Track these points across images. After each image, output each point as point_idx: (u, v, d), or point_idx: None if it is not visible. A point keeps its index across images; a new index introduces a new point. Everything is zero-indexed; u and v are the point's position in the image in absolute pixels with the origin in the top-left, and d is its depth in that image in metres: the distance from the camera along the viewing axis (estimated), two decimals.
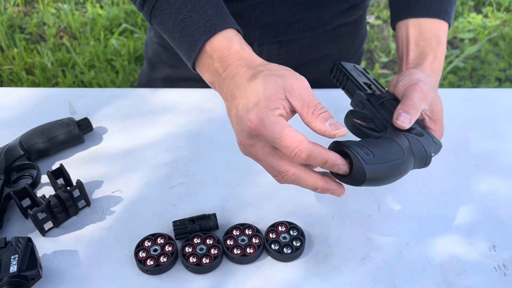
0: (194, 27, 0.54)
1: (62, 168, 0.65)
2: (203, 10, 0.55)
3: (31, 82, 2.09)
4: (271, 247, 0.59)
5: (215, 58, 0.54)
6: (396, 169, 0.53)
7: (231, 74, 0.52)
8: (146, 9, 0.58)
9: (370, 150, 0.52)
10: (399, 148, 0.54)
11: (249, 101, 0.49)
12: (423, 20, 0.66)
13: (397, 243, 0.61)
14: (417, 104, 0.58)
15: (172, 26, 0.56)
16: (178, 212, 0.65)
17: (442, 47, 0.65)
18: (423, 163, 0.56)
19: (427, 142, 0.57)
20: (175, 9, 0.55)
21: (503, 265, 0.59)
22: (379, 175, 0.51)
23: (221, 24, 0.54)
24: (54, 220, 0.62)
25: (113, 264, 0.59)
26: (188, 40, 0.55)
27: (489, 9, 2.59)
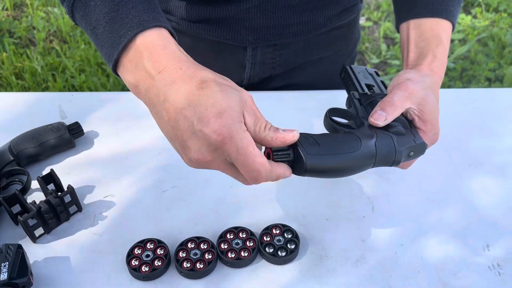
0: (120, 22, 0.48)
1: (53, 173, 0.64)
2: (133, 5, 0.49)
3: (21, 86, 2.07)
4: (265, 250, 0.59)
5: (146, 56, 0.47)
6: (343, 161, 0.52)
7: (170, 79, 0.46)
8: (67, 1, 0.52)
9: (318, 141, 0.52)
10: (357, 143, 0.53)
11: (209, 111, 0.44)
12: (424, 20, 0.65)
13: (392, 244, 0.61)
14: (396, 102, 0.57)
15: (96, 20, 0.49)
16: (172, 216, 0.65)
17: (442, 47, 0.63)
18: (390, 162, 0.56)
19: (404, 141, 0.56)
20: (100, 1, 0.49)
21: (497, 264, 0.59)
22: (322, 165, 0.51)
23: (151, 21, 0.48)
24: (45, 226, 0.61)
25: (106, 270, 0.58)
26: (112, 36, 0.48)
27: (478, 10, 2.62)
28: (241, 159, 0.45)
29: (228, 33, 0.79)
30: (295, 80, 0.89)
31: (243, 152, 0.45)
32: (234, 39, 0.80)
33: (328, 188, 0.68)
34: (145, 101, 0.49)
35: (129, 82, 0.49)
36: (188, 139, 0.46)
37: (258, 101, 0.86)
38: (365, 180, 0.70)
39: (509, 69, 2.18)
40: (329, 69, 0.90)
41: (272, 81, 0.89)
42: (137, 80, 0.48)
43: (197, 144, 0.46)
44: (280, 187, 0.68)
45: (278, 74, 0.87)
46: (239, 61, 0.84)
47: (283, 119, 0.80)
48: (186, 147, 0.47)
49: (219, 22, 0.78)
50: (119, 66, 0.50)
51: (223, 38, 0.80)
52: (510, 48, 2.32)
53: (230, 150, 0.45)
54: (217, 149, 0.46)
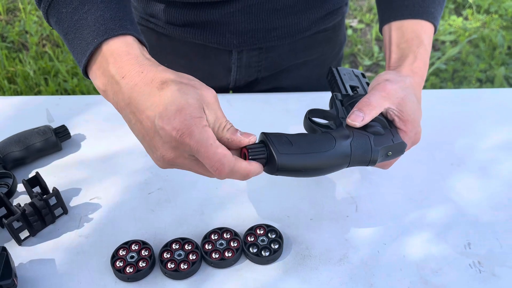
0: (88, 29, 0.50)
1: (38, 176, 0.65)
2: (100, 13, 0.50)
3: (13, 90, 2.07)
4: (249, 250, 0.59)
5: (111, 62, 0.49)
6: (315, 161, 0.53)
7: (132, 82, 0.48)
8: (43, 6, 0.54)
9: (291, 141, 0.52)
10: (331, 142, 0.54)
11: (168, 110, 0.46)
12: (405, 22, 0.65)
13: (374, 243, 0.62)
14: (374, 102, 0.57)
15: (67, 27, 0.51)
16: (157, 217, 0.65)
17: (424, 48, 0.64)
18: (366, 161, 0.56)
19: (381, 141, 0.56)
20: (71, 9, 0.51)
21: (478, 262, 0.60)
22: (293, 164, 0.52)
23: (117, 29, 0.50)
24: (30, 229, 0.61)
25: (91, 272, 0.58)
26: (80, 43, 0.50)
27: (469, 12, 2.64)
28: (203, 151, 0.46)
29: (213, 36, 0.80)
30: (281, 83, 0.90)
31: (204, 144, 0.46)
32: (219, 43, 0.81)
33: (312, 189, 0.69)
34: (114, 105, 0.51)
35: (98, 87, 0.51)
36: (153, 138, 0.48)
37: (244, 103, 0.87)
38: (349, 180, 0.70)
39: (500, 70, 2.19)
40: (315, 72, 0.91)
41: (258, 84, 0.89)
42: (104, 85, 0.50)
43: (161, 142, 0.47)
44: (265, 188, 0.69)
45: (264, 77, 0.88)
46: (225, 65, 0.84)
47: (269, 121, 0.81)
48: (153, 146, 0.49)
49: (204, 25, 0.79)
50: (89, 71, 0.52)
51: (209, 42, 0.81)
52: (501, 49, 2.34)
53: (191, 144, 0.46)
54: (179, 145, 0.47)
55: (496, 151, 0.76)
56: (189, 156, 0.48)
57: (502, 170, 0.72)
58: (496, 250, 0.61)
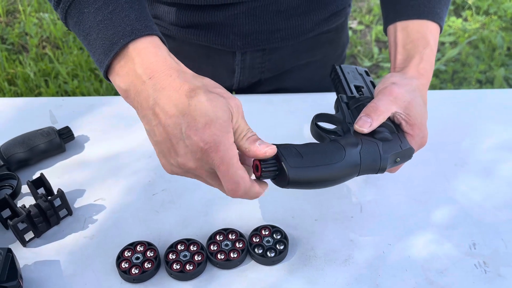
0: (113, 30, 0.50)
1: (43, 177, 0.64)
2: (126, 13, 0.50)
3: (14, 92, 2.07)
4: (254, 251, 0.59)
5: (137, 62, 0.49)
6: (326, 173, 0.52)
7: (160, 85, 0.48)
8: (62, 7, 0.53)
9: (301, 153, 0.52)
10: (341, 152, 0.53)
11: (197, 121, 0.46)
12: (411, 22, 0.64)
13: (380, 244, 0.62)
14: (381, 107, 0.57)
15: (89, 27, 0.51)
16: (162, 218, 0.65)
17: (430, 48, 0.63)
18: (376, 169, 0.55)
19: (390, 147, 0.56)
20: (94, 9, 0.51)
21: (483, 262, 0.60)
22: (305, 178, 0.52)
23: (143, 29, 0.50)
24: (35, 230, 0.61)
25: (96, 273, 0.58)
26: (104, 43, 0.50)
27: (469, 13, 2.65)
28: (224, 169, 0.47)
29: (217, 38, 0.80)
30: (284, 85, 0.90)
31: (227, 162, 0.47)
32: (223, 44, 0.81)
33: (317, 189, 0.69)
34: (134, 105, 0.51)
35: (119, 86, 0.51)
36: (176, 144, 0.48)
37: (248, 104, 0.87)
38: (353, 181, 0.70)
39: (499, 71, 2.20)
40: (318, 73, 0.91)
41: (262, 86, 0.89)
42: (127, 85, 0.50)
43: (184, 150, 0.48)
44: (269, 189, 0.69)
45: (267, 78, 0.88)
46: (229, 66, 0.85)
47: (272, 122, 0.81)
48: (174, 151, 0.48)
49: (208, 27, 0.79)
50: (111, 72, 0.51)
51: (212, 43, 0.81)
52: (500, 50, 2.35)
53: (214, 159, 0.47)
54: (203, 157, 0.47)
55: (499, 151, 0.76)
56: (209, 169, 0.49)
57: (505, 170, 0.73)
58: (501, 250, 0.61)
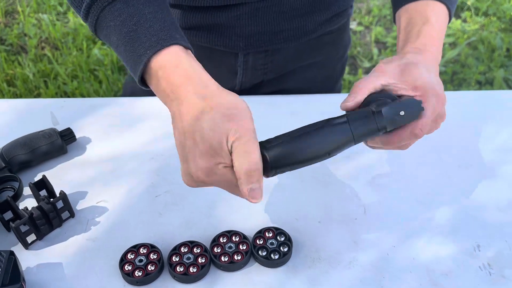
0: (138, 41, 0.50)
1: (45, 179, 0.64)
2: (149, 24, 0.51)
3: (13, 93, 2.06)
4: (258, 254, 0.59)
5: (161, 76, 0.50)
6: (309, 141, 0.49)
7: (180, 100, 0.49)
8: (90, 21, 0.55)
9: (279, 136, 0.50)
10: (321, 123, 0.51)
11: (198, 145, 0.48)
12: (412, 4, 0.63)
13: (384, 246, 0.62)
14: (363, 82, 0.55)
15: (117, 40, 0.52)
16: (165, 220, 0.65)
17: (430, 25, 0.60)
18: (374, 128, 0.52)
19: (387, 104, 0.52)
20: (120, 22, 0.52)
21: (488, 264, 0.60)
22: (285, 152, 0.49)
23: (168, 39, 0.50)
24: (37, 233, 0.61)
25: (99, 276, 0.58)
26: (133, 55, 0.51)
27: (468, 14, 2.65)
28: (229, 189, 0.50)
29: (220, 39, 0.80)
30: (286, 86, 0.90)
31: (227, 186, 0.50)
32: (225, 46, 0.80)
33: (320, 191, 0.69)
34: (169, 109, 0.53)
35: (156, 92, 0.53)
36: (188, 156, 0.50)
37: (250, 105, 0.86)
38: (356, 182, 0.70)
39: (499, 72, 2.20)
40: (320, 74, 0.91)
41: (264, 87, 0.89)
42: (159, 94, 0.52)
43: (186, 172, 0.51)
44: (272, 190, 0.69)
45: (270, 79, 0.88)
46: (231, 67, 0.84)
47: (274, 123, 0.80)
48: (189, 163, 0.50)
49: (210, 28, 0.79)
50: (146, 80, 0.53)
51: (215, 45, 0.81)
52: (499, 51, 2.35)
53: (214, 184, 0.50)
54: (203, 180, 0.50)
55: (503, 152, 0.76)
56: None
57: (509, 171, 0.72)
58: (506, 252, 0.61)
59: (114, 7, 0.52)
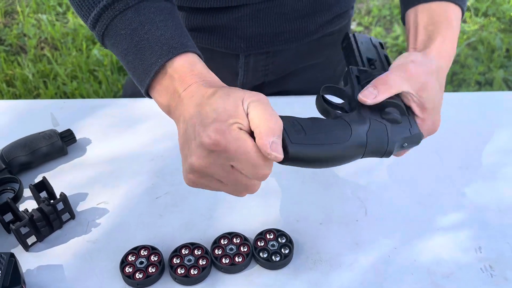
0: (150, 50, 0.51)
1: (45, 181, 0.64)
2: (161, 32, 0.51)
3: (12, 94, 2.06)
4: (259, 255, 0.59)
5: (176, 78, 0.50)
6: (329, 152, 0.49)
7: (191, 93, 0.49)
8: (98, 29, 0.55)
9: (304, 128, 0.49)
10: (347, 132, 0.51)
11: (208, 117, 0.45)
12: (433, 4, 0.62)
13: (385, 247, 0.61)
14: (391, 81, 0.54)
15: (127, 48, 0.52)
16: (166, 222, 0.64)
17: (452, 30, 0.61)
18: (381, 153, 0.53)
19: (399, 131, 0.53)
20: (131, 30, 0.52)
21: (490, 266, 0.60)
22: (306, 155, 0.48)
23: (179, 47, 0.51)
24: (38, 235, 0.60)
25: (99, 278, 0.58)
26: (143, 64, 0.51)
27: (467, 14, 2.65)
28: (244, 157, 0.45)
29: (221, 41, 0.80)
30: (287, 87, 0.90)
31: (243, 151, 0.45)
32: (226, 47, 0.80)
33: (321, 193, 0.69)
34: (175, 119, 0.51)
35: (161, 103, 0.53)
36: (190, 145, 0.47)
37: None
38: (357, 183, 0.70)
39: (498, 72, 2.20)
40: (322, 75, 0.91)
41: (265, 88, 0.89)
42: (168, 100, 0.51)
43: (195, 148, 0.46)
44: (273, 192, 0.69)
45: (271, 81, 0.88)
46: (232, 69, 0.84)
47: None
48: (188, 154, 0.47)
49: (211, 30, 0.79)
50: (151, 90, 0.53)
51: (216, 46, 0.80)
52: (499, 52, 2.35)
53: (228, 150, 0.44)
54: (212, 153, 0.45)
55: (504, 153, 0.76)
56: (222, 164, 0.46)
57: (510, 172, 0.72)
58: (507, 253, 0.61)
59: (126, 16, 0.52)
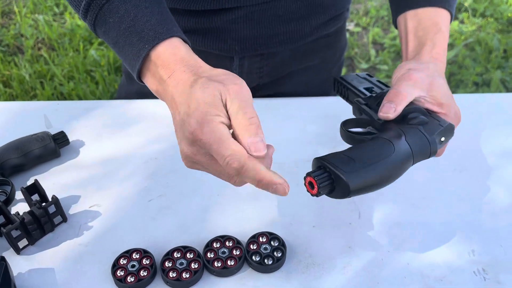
0: (137, 36, 0.52)
1: (37, 183, 0.64)
2: (147, 18, 0.52)
3: (9, 94, 2.06)
4: (252, 259, 0.58)
5: (159, 65, 0.51)
6: (384, 169, 0.50)
7: (175, 81, 0.50)
8: (89, 18, 0.56)
9: (351, 157, 0.50)
10: (389, 145, 0.52)
11: (190, 107, 0.48)
12: (421, 10, 0.64)
13: (378, 251, 0.61)
14: (403, 91, 0.56)
15: (116, 36, 0.54)
16: (158, 225, 0.64)
17: (442, 34, 0.63)
18: (427, 153, 0.54)
19: (432, 128, 0.55)
20: (118, 18, 0.53)
21: (483, 269, 0.59)
22: (366, 180, 0.49)
23: (165, 32, 0.52)
24: (29, 238, 0.60)
25: (91, 281, 0.57)
26: (132, 50, 0.53)
27: (465, 15, 2.65)
28: (215, 147, 0.46)
29: (215, 43, 0.79)
30: (282, 89, 0.90)
31: (215, 143, 0.46)
32: (221, 49, 0.80)
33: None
34: (167, 104, 0.53)
35: (151, 88, 0.54)
36: (178, 132, 0.50)
37: None
38: None
39: (496, 73, 2.20)
40: (316, 77, 0.90)
41: (260, 90, 0.89)
42: (156, 86, 0.53)
43: (182, 137, 0.49)
44: (266, 195, 0.68)
45: (266, 83, 0.88)
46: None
47: (270, 127, 0.80)
48: (179, 140, 0.51)
49: (205, 32, 0.79)
50: (142, 76, 0.55)
51: (210, 48, 0.80)
52: (496, 52, 2.35)
53: (204, 141, 0.47)
54: (195, 141, 0.48)
55: (498, 156, 0.76)
56: (205, 153, 0.49)
57: (504, 175, 0.72)
58: (501, 257, 0.61)
59: (112, 4, 0.54)
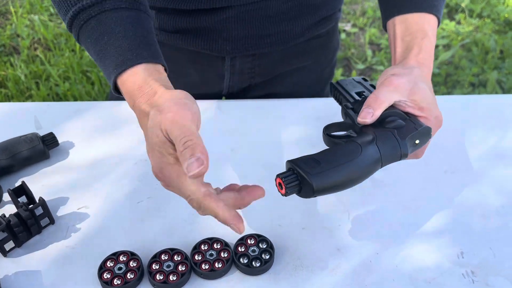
0: (109, 60, 0.54)
1: (24, 185, 0.63)
2: (118, 43, 0.53)
3: (4, 95, 2.05)
4: (240, 261, 0.58)
5: (124, 92, 0.54)
6: (348, 171, 0.52)
7: (137, 111, 0.53)
8: (74, 34, 0.59)
9: (317, 159, 0.52)
10: (356, 148, 0.53)
11: (149, 145, 0.51)
12: (409, 16, 0.65)
13: (367, 253, 0.61)
14: (381, 96, 0.57)
15: (94, 54, 0.56)
16: (147, 227, 0.64)
17: (428, 39, 0.64)
18: (397, 156, 0.55)
19: (405, 131, 0.56)
20: (93, 40, 0.55)
21: (471, 271, 0.59)
22: (329, 181, 0.51)
23: (133, 59, 0.53)
24: (16, 240, 0.60)
25: (78, 284, 0.57)
26: (106, 71, 0.55)
27: (462, 16, 2.65)
28: (177, 188, 0.51)
29: (206, 43, 0.79)
30: (274, 90, 0.89)
31: (176, 184, 0.51)
32: (212, 49, 0.80)
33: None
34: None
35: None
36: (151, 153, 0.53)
37: (238, 109, 0.86)
38: None
39: (492, 74, 2.20)
40: (308, 78, 0.90)
41: (252, 91, 0.89)
42: (130, 106, 0.55)
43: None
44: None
45: (258, 83, 0.87)
46: (218, 71, 0.84)
47: (262, 128, 0.80)
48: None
49: (197, 32, 0.78)
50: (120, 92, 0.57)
51: (201, 48, 0.80)
52: (493, 53, 2.35)
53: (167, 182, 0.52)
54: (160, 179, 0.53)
55: (489, 158, 0.75)
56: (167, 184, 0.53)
57: (495, 177, 0.72)
58: (490, 259, 0.60)
59: (89, 26, 0.55)
